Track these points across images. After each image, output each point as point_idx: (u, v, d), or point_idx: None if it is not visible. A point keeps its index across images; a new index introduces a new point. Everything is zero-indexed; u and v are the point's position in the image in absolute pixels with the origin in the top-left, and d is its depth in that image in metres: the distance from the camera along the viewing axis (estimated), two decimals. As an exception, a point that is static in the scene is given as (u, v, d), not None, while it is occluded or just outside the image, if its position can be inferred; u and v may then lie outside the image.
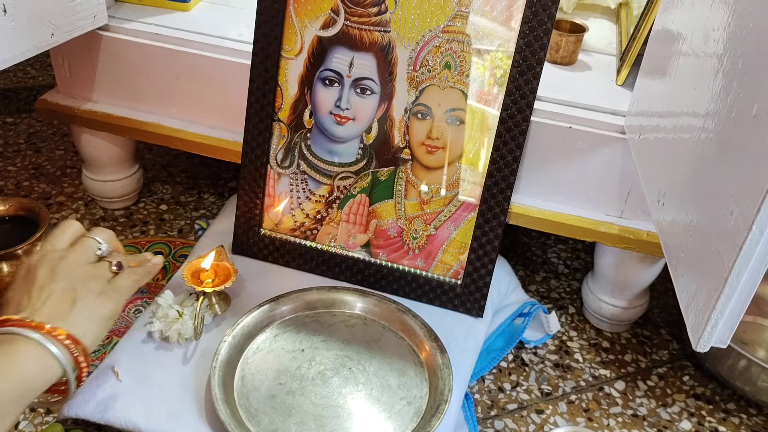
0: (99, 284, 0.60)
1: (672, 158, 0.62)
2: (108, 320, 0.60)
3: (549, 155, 0.84)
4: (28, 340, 0.53)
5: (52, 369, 0.54)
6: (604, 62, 0.92)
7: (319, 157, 0.85)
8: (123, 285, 0.62)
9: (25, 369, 0.52)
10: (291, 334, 0.79)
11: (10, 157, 1.18)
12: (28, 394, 0.52)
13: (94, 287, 0.59)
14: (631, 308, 0.92)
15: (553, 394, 0.85)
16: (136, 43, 0.91)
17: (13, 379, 0.51)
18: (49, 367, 0.53)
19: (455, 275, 0.85)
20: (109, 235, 0.64)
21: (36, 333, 0.53)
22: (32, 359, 0.53)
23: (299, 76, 0.83)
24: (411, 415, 0.72)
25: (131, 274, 0.63)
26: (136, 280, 0.64)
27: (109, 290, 0.60)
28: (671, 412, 0.85)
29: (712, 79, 0.55)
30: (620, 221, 0.85)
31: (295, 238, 0.88)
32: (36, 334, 0.53)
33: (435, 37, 0.79)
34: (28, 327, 0.54)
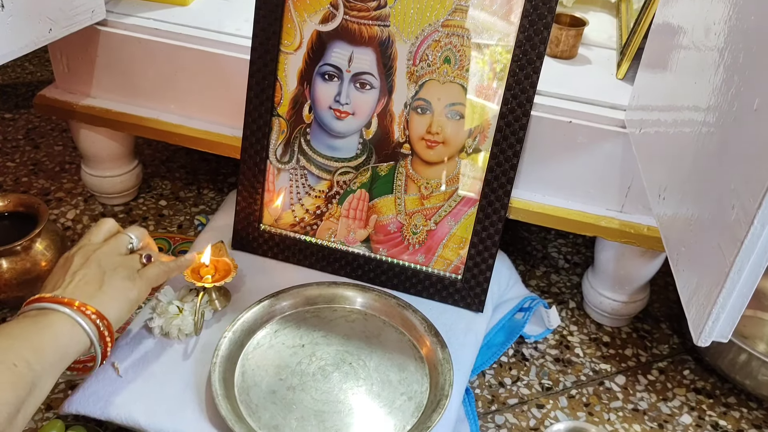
0: (127, 271, 0.67)
1: (673, 152, 0.62)
2: (132, 303, 0.66)
3: (549, 150, 0.83)
4: (60, 314, 0.60)
5: (82, 340, 0.60)
6: (604, 56, 0.92)
7: (319, 153, 0.85)
8: (151, 273, 0.69)
9: (59, 339, 0.58)
10: (291, 329, 0.79)
11: (9, 153, 1.18)
12: (62, 360, 0.58)
13: (122, 273, 0.66)
14: (631, 303, 0.92)
15: (553, 389, 0.85)
16: (134, 38, 0.90)
17: (50, 346, 0.57)
18: (79, 338, 0.60)
19: (455, 270, 0.84)
20: (142, 232, 0.72)
21: (67, 308, 0.60)
22: (64, 330, 0.59)
23: (298, 70, 0.83)
24: (412, 410, 0.72)
25: (160, 265, 0.71)
26: (165, 271, 0.71)
27: (136, 276, 0.67)
28: (672, 407, 0.85)
29: (713, 72, 0.54)
30: (621, 216, 0.84)
31: (294, 233, 0.88)
32: (67, 308, 0.60)
33: (435, 32, 0.78)
34: (60, 303, 0.60)
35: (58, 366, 0.58)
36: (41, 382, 0.56)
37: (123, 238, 0.70)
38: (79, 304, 0.61)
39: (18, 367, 0.54)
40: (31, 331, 0.57)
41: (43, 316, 0.59)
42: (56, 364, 0.58)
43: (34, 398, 0.55)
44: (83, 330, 0.60)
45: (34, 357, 0.55)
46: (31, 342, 0.56)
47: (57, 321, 0.59)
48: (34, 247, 0.84)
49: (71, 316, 0.60)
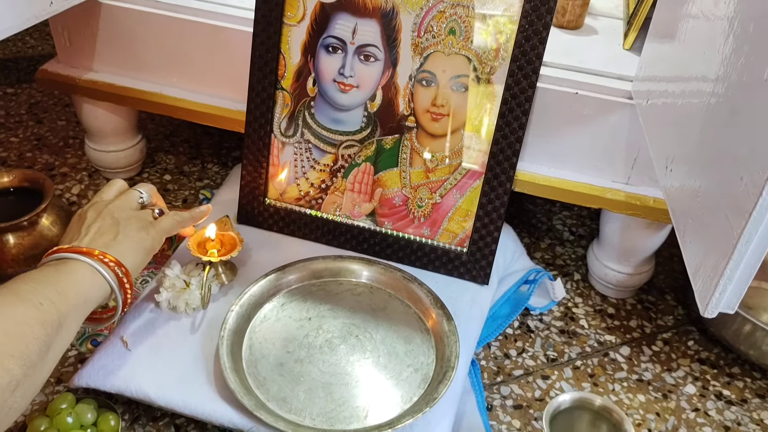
0: (141, 222, 0.69)
1: (681, 123, 0.62)
2: (147, 251, 0.68)
3: (555, 122, 0.83)
4: (80, 263, 0.62)
5: (103, 287, 0.62)
6: (611, 26, 0.91)
7: (323, 126, 0.85)
8: (164, 223, 0.72)
9: (80, 284, 0.60)
10: (298, 302, 0.80)
11: (12, 128, 1.18)
12: (85, 305, 0.60)
13: (136, 223, 0.68)
14: (636, 274, 0.92)
15: (558, 360, 0.86)
16: (135, 10, 0.89)
17: (72, 290, 0.59)
18: (99, 285, 0.62)
19: (461, 243, 0.84)
20: (151, 188, 0.75)
21: (86, 257, 0.62)
22: (85, 277, 0.61)
23: (302, 43, 0.82)
24: (418, 381, 0.72)
25: (173, 215, 0.73)
26: (178, 221, 0.73)
27: (149, 226, 0.69)
28: (676, 377, 0.85)
29: (723, 42, 0.54)
30: (627, 188, 0.84)
31: (300, 207, 0.88)
32: (86, 258, 0.62)
33: (439, 2, 0.77)
34: (79, 252, 0.62)
35: (82, 309, 0.60)
36: (66, 322, 0.57)
37: (134, 194, 0.72)
38: (99, 252, 0.63)
39: (44, 305, 0.55)
40: (54, 277, 0.59)
41: (64, 265, 0.61)
42: (80, 307, 0.60)
43: (61, 338, 0.57)
44: (103, 277, 0.62)
45: (58, 298, 0.57)
46: (55, 285, 0.58)
47: (78, 269, 0.61)
48: (41, 222, 0.85)
49: (91, 265, 0.62)
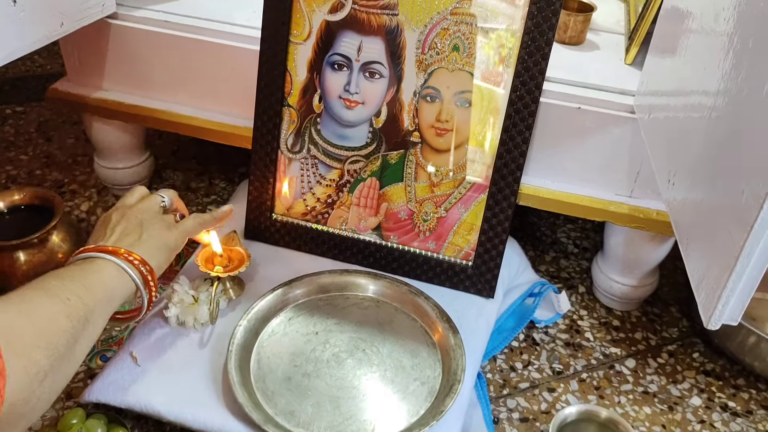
0: (164, 223, 0.71)
1: (682, 137, 0.63)
2: (171, 250, 0.71)
3: (558, 136, 0.84)
4: (106, 261, 0.63)
5: (128, 285, 0.64)
6: (612, 41, 0.92)
7: (329, 142, 0.86)
8: (187, 224, 0.74)
9: (107, 282, 0.62)
10: (305, 317, 0.81)
11: (22, 146, 1.19)
12: (111, 302, 0.62)
13: (159, 224, 0.70)
14: (641, 287, 0.93)
15: (564, 373, 0.86)
16: (144, 30, 0.91)
17: (98, 286, 0.61)
18: (125, 282, 0.64)
19: (466, 257, 0.85)
20: (172, 193, 0.77)
21: (112, 256, 0.64)
22: (111, 275, 0.63)
23: (308, 60, 0.83)
24: (425, 395, 0.73)
25: (196, 218, 0.75)
26: (201, 223, 0.76)
27: (172, 227, 0.72)
28: (681, 389, 0.85)
29: (723, 57, 0.55)
30: (630, 200, 0.85)
31: (306, 222, 0.89)
32: (112, 256, 0.64)
33: (443, 19, 0.79)
34: (105, 251, 0.64)
35: (108, 306, 0.62)
36: (93, 317, 0.59)
37: (156, 198, 0.74)
38: (124, 251, 0.65)
39: (71, 300, 0.57)
40: (80, 274, 0.61)
41: (90, 263, 0.63)
42: (106, 304, 0.61)
43: (88, 332, 0.58)
44: (129, 275, 0.64)
45: (85, 293, 0.58)
46: (82, 281, 0.60)
47: (104, 267, 0.63)
48: (51, 240, 0.86)
49: (117, 263, 0.64)
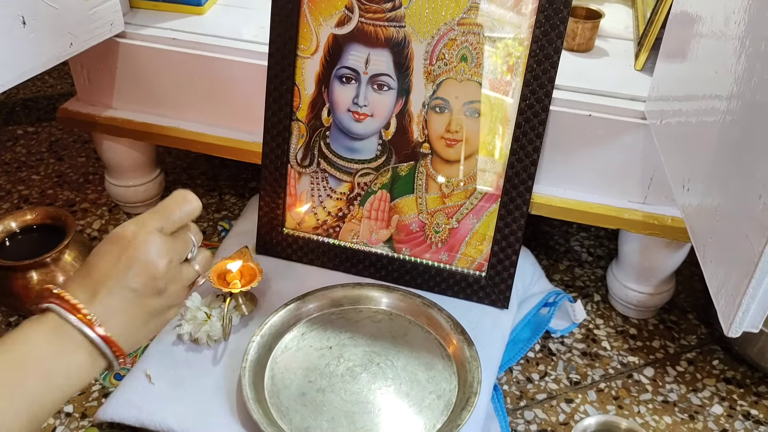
0: (181, 294, 0.57)
1: (696, 142, 0.62)
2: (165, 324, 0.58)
3: (569, 144, 0.83)
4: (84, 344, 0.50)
5: (97, 372, 0.52)
6: (621, 48, 0.91)
7: (339, 155, 0.86)
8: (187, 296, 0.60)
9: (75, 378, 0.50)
10: (318, 331, 0.80)
11: (34, 166, 1.20)
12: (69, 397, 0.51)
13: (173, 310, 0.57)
14: (657, 294, 0.92)
15: (581, 383, 0.85)
16: (153, 48, 0.91)
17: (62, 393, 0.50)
18: (96, 372, 0.52)
19: (479, 267, 0.85)
20: (200, 238, 0.60)
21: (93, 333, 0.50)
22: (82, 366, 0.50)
23: (316, 74, 0.83)
24: (441, 408, 0.72)
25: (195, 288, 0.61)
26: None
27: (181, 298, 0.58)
28: (702, 397, 0.84)
29: (735, 61, 0.54)
30: (644, 207, 0.84)
31: (317, 236, 0.89)
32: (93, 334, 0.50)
33: (450, 30, 0.78)
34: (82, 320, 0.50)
35: (46, 419, 0.50)
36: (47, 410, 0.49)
37: (188, 244, 0.58)
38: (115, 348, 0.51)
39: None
40: (43, 386, 0.49)
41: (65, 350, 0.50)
42: (45, 419, 0.50)
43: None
44: (105, 363, 0.52)
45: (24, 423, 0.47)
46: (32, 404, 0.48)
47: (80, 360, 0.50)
48: (63, 259, 0.86)
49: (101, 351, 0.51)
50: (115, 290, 0.52)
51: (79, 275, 0.53)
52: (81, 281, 0.52)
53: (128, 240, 0.53)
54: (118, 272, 0.52)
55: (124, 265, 0.52)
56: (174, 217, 0.56)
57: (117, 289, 0.52)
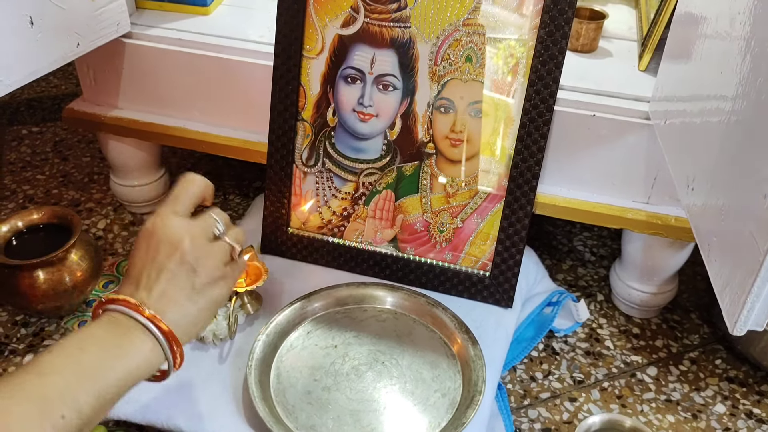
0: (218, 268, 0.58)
1: (700, 142, 0.62)
2: (217, 308, 0.59)
3: (574, 144, 0.84)
4: (144, 334, 0.53)
5: (158, 361, 0.54)
6: (625, 48, 0.92)
7: (344, 155, 0.86)
8: (237, 272, 0.61)
9: (133, 366, 0.52)
10: (323, 330, 0.80)
11: (39, 165, 1.20)
12: (127, 388, 0.52)
13: (212, 271, 0.57)
14: (660, 293, 0.92)
15: (585, 382, 0.85)
16: (158, 49, 0.92)
17: (117, 381, 0.51)
18: (156, 358, 0.54)
19: (483, 267, 0.85)
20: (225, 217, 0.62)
21: (152, 325, 0.53)
22: (143, 354, 0.52)
23: (321, 75, 0.84)
24: (446, 407, 0.72)
25: (242, 262, 0.62)
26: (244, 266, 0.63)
27: (227, 278, 0.59)
28: (705, 396, 0.84)
29: (740, 62, 0.54)
30: (647, 207, 0.84)
31: (322, 235, 0.89)
32: (152, 325, 0.53)
33: (455, 31, 0.79)
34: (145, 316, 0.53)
35: (115, 401, 0.51)
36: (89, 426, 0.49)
37: (210, 222, 0.59)
38: (168, 330, 0.53)
39: (65, 419, 0.46)
40: (101, 358, 0.50)
41: (123, 335, 0.52)
42: (114, 400, 0.51)
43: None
44: (163, 353, 0.54)
45: (92, 399, 0.48)
46: (96, 380, 0.49)
47: (138, 343, 0.52)
48: (69, 258, 0.86)
49: (157, 337, 0.53)
50: (153, 275, 0.55)
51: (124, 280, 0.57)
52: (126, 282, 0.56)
53: (150, 231, 0.57)
54: (150, 260, 0.55)
55: (153, 251, 0.56)
56: (183, 198, 0.59)
57: (154, 274, 0.55)
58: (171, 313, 0.54)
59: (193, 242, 0.56)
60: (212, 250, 0.58)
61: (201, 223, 0.58)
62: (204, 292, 0.57)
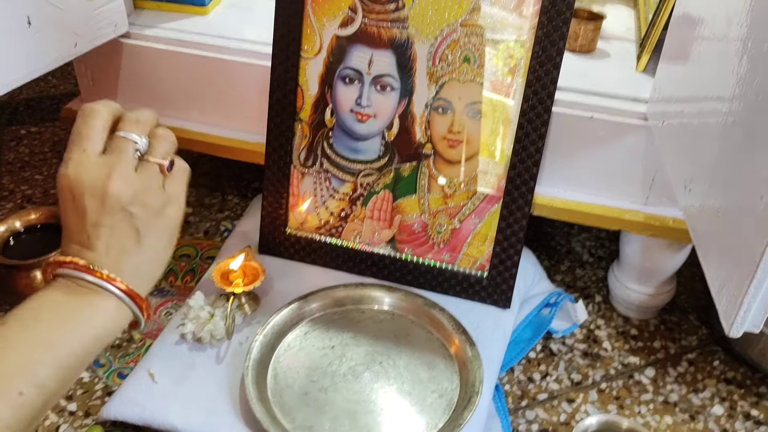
0: (156, 197, 0.52)
1: (698, 144, 0.62)
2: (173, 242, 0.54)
3: (571, 145, 0.83)
4: (105, 296, 0.49)
5: (125, 321, 0.51)
6: (623, 49, 0.92)
7: (342, 155, 0.86)
8: (177, 188, 0.54)
9: (99, 330, 0.49)
10: (321, 331, 0.80)
11: (37, 165, 1.20)
12: (94, 353, 0.49)
13: (152, 203, 0.51)
14: (658, 295, 0.92)
15: (583, 383, 0.85)
16: (156, 49, 0.92)
17: (83, 348, 0.48)
18: (122, 319, 0.51)
19: (481, 268, 0.85)
20: (141, 125, 0.53)
21: (112, 286, 0.49)
22: (108, 316, 0.49)
23: (319, 75, 0.84)
24: (443, 407, 0.72)
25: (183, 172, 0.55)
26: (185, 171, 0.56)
27: (167, 199, 0.53)
28: (703, 398, 0.84)
29: (737, 63, 0.54)
30: (645, 208, 0.84)
31: (320, 236, 0.89)
32: (112, 286, 0.49)
33: (453, 32, 0.79)
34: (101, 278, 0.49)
35: (86, 365, 0.49)
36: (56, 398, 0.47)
37: (125, 146, 0.51)
38: (127, 289, 0.50)
39: (24, 395, 0.44)
40: (63, 327, 0.47)
41: (82, 299, 0.49)
42: (80, 368, 0.48)
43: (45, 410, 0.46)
44: (131, 311, 0.51)
45: (53, 373, 0.46)
46: (56, 350, 0.46)
47: (101, 306, 0.49)
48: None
49: (120, 298, 0.50)
50: (92, 233, 0.50)
51: (65, 240, 0.51)
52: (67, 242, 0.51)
53: (68, 184, 0.50)
54: (82, 217, 0.50)
55: (81, 207, 0.50)
56: (87, 134, 0.51)
57: (93, 232, 0.50)
58: (125, 267, 0.50)
59: (117, 182, 0.50)
60: (141, 181, 0.51)
61: (117, 154, 0.51)
62: (152, 230, 0.52)
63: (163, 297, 0.93)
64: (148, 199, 0.51)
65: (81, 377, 0.82)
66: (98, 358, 0.84)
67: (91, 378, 0.82)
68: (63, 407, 0.78)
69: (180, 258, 1.00)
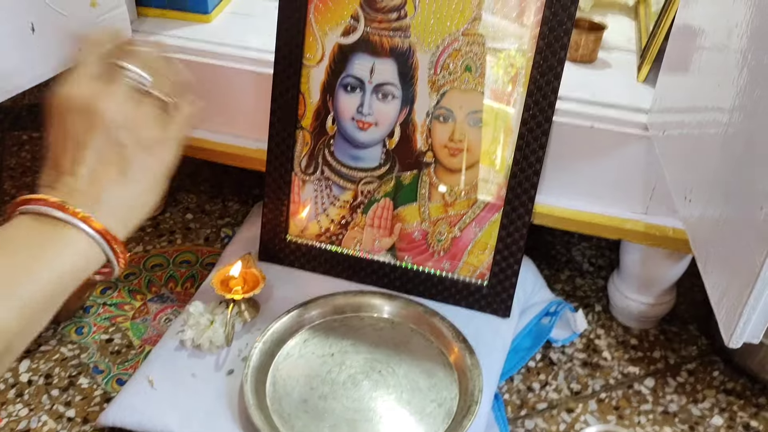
0: (150, 130, 0.49)
1: (698, 154, 0.62)
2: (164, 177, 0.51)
3: (572, 154, 0.84)
4: (76, 233, 0.46)
5: (97, 262, 0.47)
6: (624, 59, 0.92)
7: (343, 163, 0.86)
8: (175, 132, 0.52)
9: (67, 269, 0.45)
10: (320, 338, 0.80)
11: (39, 171, 1.20)
12: (63, 295, 0.46)
13: (146, 135, 0.48)
14: (658, 305, 0.92)
15: (582, 393, 0.85)
16: (159, 55, 0.92)
17: (59, 269, 0.45)
18: (94, 259, 0.47)
19: (481, 276, 0.85)
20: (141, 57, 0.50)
21: (84, 224, 0.46)
22: (77, 253, 0.46)
23: (321, 83, 0.84)
24: (442, 416, 0.72)
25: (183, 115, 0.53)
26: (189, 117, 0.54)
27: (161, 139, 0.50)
28: (702, 408, 0.84)
29: (738, 74, 0.55)
30: (645, 218, 0.84)
31: (320, 243, 0.89)
32: (84, 225, 0.46)
33: (455, 41, 0.79)
34: (77, 217, 0.45)
35: (57, 304, 0.45)
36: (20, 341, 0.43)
37: (130, 75, 0.49)
38: (102, 228, 0.46)
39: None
40: (23, 265, 0.43)
41: (51, 235, 0.45)
42: (54, 305, 0.45)
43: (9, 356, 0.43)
44: (102, 252, 0.47)
45: (14, 314, 0.42)
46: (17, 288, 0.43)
47: (71, 243, 0.45)
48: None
49: (90, 236, 0.46)
50: (76, 157, 0.47)
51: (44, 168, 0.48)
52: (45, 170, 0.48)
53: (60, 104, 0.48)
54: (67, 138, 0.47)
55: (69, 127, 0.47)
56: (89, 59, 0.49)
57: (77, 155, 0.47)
58: (105, 201, 0.47)
59: (112, 105, 0.47)
60: (138, 110, 0.48)
61: (118, 81, 0.48)
62: (140, 165, 0.48)
63: (163, 303, 0.93)
64: (139, 128, 0.48)
65: (80, 383, 0.82)
66: (97, 364, 0.84)
67: (89, 384, 0.82)
68: (61, 413, 0.78)
69: (180, 264, 1.00)
